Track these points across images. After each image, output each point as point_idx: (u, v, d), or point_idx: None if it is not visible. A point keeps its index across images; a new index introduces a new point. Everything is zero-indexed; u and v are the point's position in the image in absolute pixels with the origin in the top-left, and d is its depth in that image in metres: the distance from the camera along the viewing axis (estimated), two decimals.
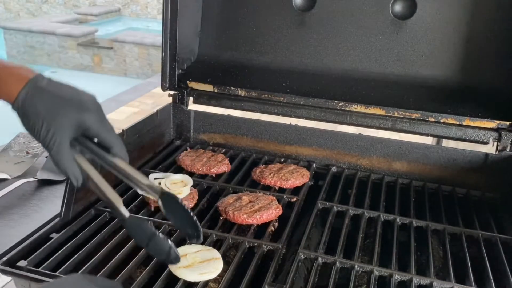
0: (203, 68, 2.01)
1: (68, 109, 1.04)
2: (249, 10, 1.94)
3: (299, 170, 1.75)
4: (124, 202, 1.51)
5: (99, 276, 1.14)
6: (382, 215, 1.53)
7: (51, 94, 1.05)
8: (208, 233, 1.38)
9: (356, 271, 1.27)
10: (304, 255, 1.32)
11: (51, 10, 14.30)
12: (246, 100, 1.91)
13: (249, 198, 1.53)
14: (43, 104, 1.03)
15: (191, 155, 1.83)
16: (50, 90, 1.05)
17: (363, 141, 1.85)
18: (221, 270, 1.22)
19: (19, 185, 1.73)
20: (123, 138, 1.65)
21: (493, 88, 1.74)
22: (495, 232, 1.48)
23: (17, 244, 1.29)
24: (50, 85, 1.06)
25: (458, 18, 1.73)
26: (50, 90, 1.05)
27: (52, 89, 1.06)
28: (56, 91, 1.06)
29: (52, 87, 1.06)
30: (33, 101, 1.03)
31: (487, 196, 1.70)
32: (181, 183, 1.60)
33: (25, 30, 10.78)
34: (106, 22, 13.27)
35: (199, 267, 1.21)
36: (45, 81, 1.06)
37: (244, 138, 1.99)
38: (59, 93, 1.06)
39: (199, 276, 1.18)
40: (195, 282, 1.18)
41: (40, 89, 1.04)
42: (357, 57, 1.85)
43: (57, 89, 1.07)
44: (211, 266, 1.22)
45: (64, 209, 1.38)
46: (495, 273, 1.29)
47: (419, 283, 1.24)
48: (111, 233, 1.38)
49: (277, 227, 1.47)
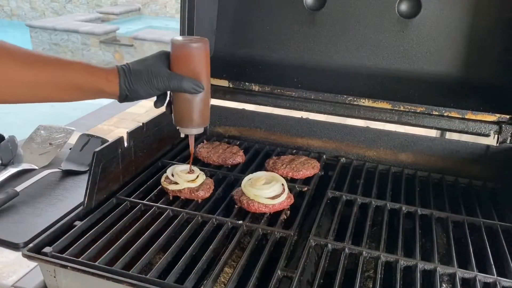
0: (218, 64, 2.01)
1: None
2: (262, 10, 1.94)
3: (310, 161, 1.75)
4: (144, 191, 1.54)
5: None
6: (388, 204, 1.53)
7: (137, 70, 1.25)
8: (224, 221, 1.39)
9: (364, 257, 1.27)
10: (314, 242, 1.32)
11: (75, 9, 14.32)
12: (260, 94, 1.91)
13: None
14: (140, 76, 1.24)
15: (208, 147, 1.83)
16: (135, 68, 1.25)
17: (370, 133, 1.85)
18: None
19: (44, 175, 1.75)
20: (143, 131, 1.66)
21: (494, 83, 1.73)
22: (496, 220, 1.48)
23: (42, 232, 1.31)
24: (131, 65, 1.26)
25: (461, 17, 1.72)
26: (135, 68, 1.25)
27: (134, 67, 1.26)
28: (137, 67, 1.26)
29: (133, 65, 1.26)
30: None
31: (488, 185, 1.69)
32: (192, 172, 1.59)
33: (50, 28, 10.81)
34: (127, 21, 13.28)
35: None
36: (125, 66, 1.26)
37: (257, 130, 2.00)
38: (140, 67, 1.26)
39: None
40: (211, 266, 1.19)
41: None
42: (365, 54, 1.85)
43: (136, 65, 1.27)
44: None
45: (87, 198, 1.39)
46: (496, 259, 1.28)
47: (424, 268, 1.24)
48: (132, 221, 1.39)
49: (289, 215, 1.47)
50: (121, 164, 1.54)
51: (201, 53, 1.31)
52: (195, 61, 1.30)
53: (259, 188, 1.46)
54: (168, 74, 1.27)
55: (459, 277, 1.21)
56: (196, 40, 1.32)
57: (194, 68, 1.30)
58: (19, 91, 1.13)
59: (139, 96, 1.26)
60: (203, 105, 1.35)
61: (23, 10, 14.69)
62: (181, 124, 1.38)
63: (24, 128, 2.24)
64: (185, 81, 1.27)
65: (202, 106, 1.35)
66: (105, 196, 1.48)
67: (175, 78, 1.26)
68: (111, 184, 1.51)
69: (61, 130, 2.05)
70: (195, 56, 1.30)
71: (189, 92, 1.29)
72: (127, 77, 1.22)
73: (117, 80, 1.22)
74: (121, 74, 1.22)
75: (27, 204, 1.57)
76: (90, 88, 1.20)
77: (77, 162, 1.83)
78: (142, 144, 1.66)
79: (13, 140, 1.86)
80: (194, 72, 1.30)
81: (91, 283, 1.17)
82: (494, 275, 1.22)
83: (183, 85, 1.27)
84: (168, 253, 1.23)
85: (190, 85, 1.28)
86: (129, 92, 1.24)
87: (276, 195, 1.46)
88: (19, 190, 1.60)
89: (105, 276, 1.12)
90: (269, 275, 1.17)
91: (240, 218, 1.42)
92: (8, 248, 1.37)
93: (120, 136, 1.53)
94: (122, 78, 1.22)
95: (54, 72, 1.15)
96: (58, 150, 1.94)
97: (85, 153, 1.86)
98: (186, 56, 1.29)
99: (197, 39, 1.32)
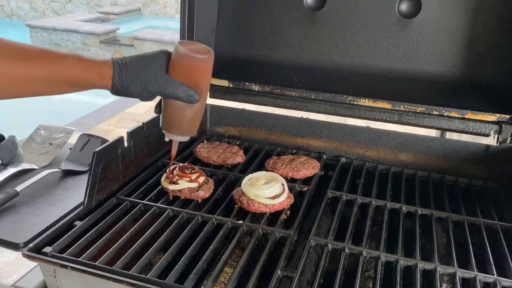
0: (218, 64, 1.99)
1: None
2: (262, 10, 1.94)
3: (310, 161, 1.75)
4: (144, 191, 1.54)
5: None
6: (388, 203, 1.53)
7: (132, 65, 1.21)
8: (224, 221, 1.39)
9: (364, 256, 1.27)
10: (314, 242, 1.32)
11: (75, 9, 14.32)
12: (260, 94, 1.91)
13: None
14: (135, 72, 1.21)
15: (208, 147, 1.83)
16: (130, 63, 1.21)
17: (370, 133, 1.85)
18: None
19: (44, 175, 1.75)
20: (143, 131, 1.66)
21: (494, 83, 1.73)
22: (496, 220, 1.48)
23: (42, 231, 1.31)
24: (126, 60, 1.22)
25: (461, 16, 1.72)
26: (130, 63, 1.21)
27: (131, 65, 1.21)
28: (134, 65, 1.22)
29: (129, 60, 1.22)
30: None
31: (488, 185, 1.69)
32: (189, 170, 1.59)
33: (50, 28, 10.82)
34: (127, 21, 13.28)
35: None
36: (121, 60, 1.21)
37: (257, 130, 2.00)
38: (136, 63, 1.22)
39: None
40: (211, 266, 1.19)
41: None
42: (365, 54, 1.85)
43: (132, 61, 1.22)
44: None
45: (87, 198, 1.39)
46: (496, 259, 1.28)
47: (424, 268, 1.24)
48: (132, 221, 1.39)
49: (289, 215, 1.47)
50: (121, 164, 1.54)
51: (205, 66, 1.27)
52: (198, 73, 1.26)
53: (259, 188, 1.46)
54: (165, 80, 1.22)
55: (459, 277, 1.21)
56: (203, 51, 1.26)
57: (195, 79, 1.25)
58: (10, 87, 1.11)
59: (129, 95, 1.23)
60: (194, 116, 1.31)
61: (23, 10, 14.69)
62: (168, 129, 1.33)
63: (24, 128, 2.24)
64: (181, 90, 1.23)
65: (193, 116, 1.31)
66: (105, 196, 1.48)
67: (172, 85, 1.22)
68: (111, 184, 1.51)
69: (61, 130, 2.05)
70: (199, 68, 1.25)
71: (182, 100, 1.24)
72: (122, 74, 1.19)
73: (111, 74, 1.19)
74: (116, 69, 1.19)
75: (27, 204, 1.57)
76: (82, 83, 1.17)
77: (77, 162, 1.83)
78: (142, 144, 1.66)
79: (13, 140, 1.86)
80: (193, 82, 1.24)
81: (91, 283, 1.17)
82: (494, 275, 1.22)
83: (178, 93, 1.23)
84: (168, 253, 1.23)
85: (186, 94, 1.23)
86: (122, 88, 1.21)
87: (276, 195, 1.46)
88: (19, 190, 1.60)
89: (105, 276, 1.12)
90: (269, 275, 1.17)
91: (240, 218, 1.42)
92: (8, 248, 1.37)
93: (120, 136, 1.53)
94: (117, 74, 1.19)
95: (47, 68, 1.12)
96: (58, 150, 1.94)
97: (85, 153, 1.86)
98: (190, 66, 1.24)
99: (203, 50, 1.26)
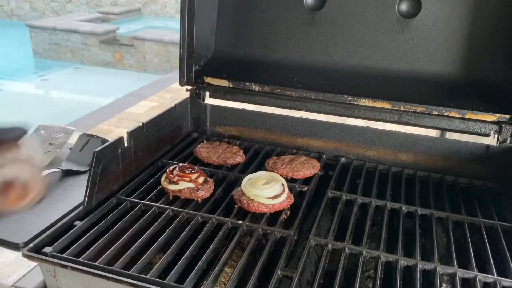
0: (219, 64, 2.02)
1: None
2: (262, 10, 1.94)
3: (310, 161, 1.75)
4: (144, 191, 1.54)
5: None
6: (388, 203, 1.53)
7: None
8: (224, 221, 1.39)
9: (364, 256, 1.27)
10: (314, 242, 1.32)
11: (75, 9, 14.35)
12: (260, 94, 1.91)
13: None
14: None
15: (208, 147, 1.83)
16: None
17: (370, 133, 1.85)
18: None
19: (44, 175, 1.75)
20: (143, 131, 1.66)
21: (494, 83, 1.73)
22: (496, 220, 1.48)
23: (42, 232, 1.31)
24: None
25: (460, 17, 1.72)
26: None
27: None
28: None
29: None
30: None
31: (488, 185, 1.69)
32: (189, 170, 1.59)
33: (50, 28, 10.81)
34: (127, 21, 13.29)
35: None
36: None
37: (257, 130, 2.00)
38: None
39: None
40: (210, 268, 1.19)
41: None
42: (365, 54, 1.85)
43: None
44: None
45: (87, 198, 1.39)
46: (496, 259, 1.28)
47: (424, 268, 1.24)
48: (132, 221, 1.39)
49: (289, 215, 1.47)
50: (121, 164, 1.54)
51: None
52: None
53: (259, 188, 1.46)
54: None
55: (459, 277, 1.21)
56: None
57: None
58: None
59: None
60: None
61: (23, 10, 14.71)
62: None
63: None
64: None
65: None
66: (105, 196, 1.48)
67: None
68: (111, 184, 1.51)
69: (61, 130, 2.04)
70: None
71: None
72: None
73: None
74: None
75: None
76: None
77: (77, 162, 1.83)
78: (142, 144, 1.66)
79: None
80: None
81: (91, 283, 1.17)
82: (494, 275, 1.22)
83: None
84: (168, 253, 1.23)
85: None
86: None
87: (276, 195, 1.46)
88: None
89: (105, 276, 1.12)
90: (269, 275, 1.17)
91: (240, 218, 1.42)
92: (8, 248, 1.37)
93: (120, 136, 1.53)
94: None
95: None
96: (58, 150, 1.93)
97: (85, 153, 1.86)
98: None
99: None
